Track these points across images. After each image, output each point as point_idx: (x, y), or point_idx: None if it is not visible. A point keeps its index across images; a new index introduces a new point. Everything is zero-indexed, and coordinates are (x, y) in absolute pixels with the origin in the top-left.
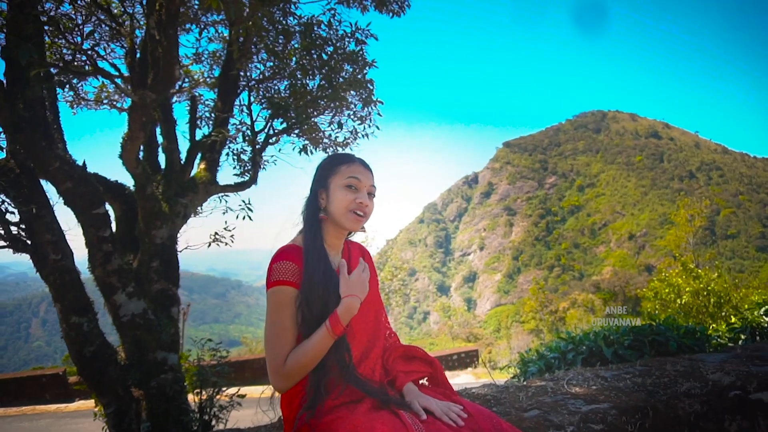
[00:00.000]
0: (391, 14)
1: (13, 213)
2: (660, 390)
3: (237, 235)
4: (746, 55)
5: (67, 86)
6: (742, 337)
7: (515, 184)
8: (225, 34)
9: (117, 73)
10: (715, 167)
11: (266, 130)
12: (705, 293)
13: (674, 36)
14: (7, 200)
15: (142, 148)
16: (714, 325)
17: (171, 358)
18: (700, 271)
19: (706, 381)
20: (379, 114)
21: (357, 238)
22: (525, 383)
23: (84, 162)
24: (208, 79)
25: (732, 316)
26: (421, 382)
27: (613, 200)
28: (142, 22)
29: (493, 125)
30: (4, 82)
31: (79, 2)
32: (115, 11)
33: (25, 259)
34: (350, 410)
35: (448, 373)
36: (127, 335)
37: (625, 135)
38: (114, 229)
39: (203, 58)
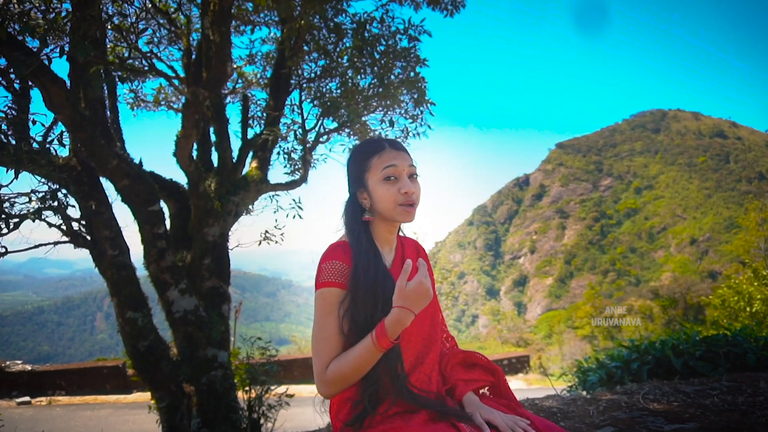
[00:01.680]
0: (445, 13)
1: (74, 207)
2: (756, 410)
3: (287, 234)
4: None
5: (128, 86)
6: None
7: (568, 186)
8: (278, 36)
9: (174, 75)
10: None
11: (317, 129)
12: None
13: (740, 31)
14: (69, 196)
15: (195, 146)
16: None
17: (221, 356)
18: None
19: None
20: (431, 113)
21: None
22: (593, 395)
23: (141, 160)
24: (261, 80)
25: None
26: (481, 392)
27: (673, 203)
28: (197, 26)
29: (548, 129)
30: (68, 82)
31: (137, 4)
32: (174, 15)
33: (89, 254)
34: (405, 421)
35: None
36: (179, 331)
37: (687, 135)
38: (168, 226)
39: (257, 60)
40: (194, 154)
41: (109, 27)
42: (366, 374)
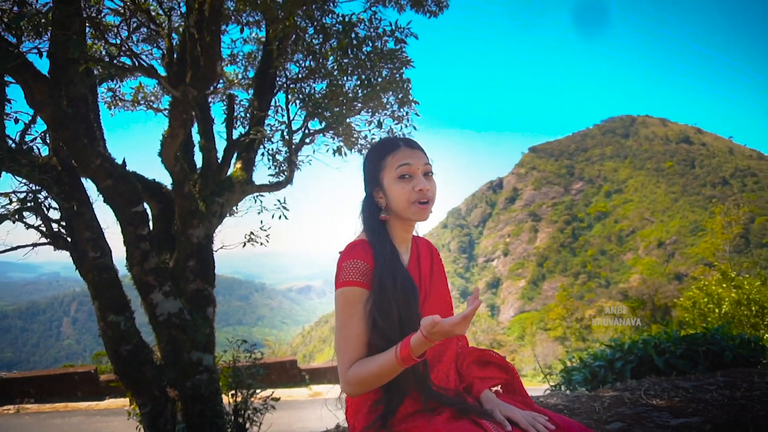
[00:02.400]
0: (428, 15)
1: (55, 209)
2: (755, 404)
3: (267, 235)
4: None
5: (107, 85)
6: None
7: (541, 189)
8: (260, 36)
9: (161, 74)
10: (750, 173)
11: (302, 130)
12: (746, 302)
13: (706, 39)
14: (49, 197)
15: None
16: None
17: (206, 359)
18: (741, 279)
19: None
20: (416, 114)
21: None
22: (595, 393)
23: (124, 160)
24: (242, 81)
25: None
26: (495, 389)
27: (641, 207)
28: (177, 24)
29: (520, 131)
30: (49, 78)
31: (117, 2)
32: (154, 13)
33: (57, 258)
34: (427, 419)
35: None
36: (163, 335)
37: (654, 140)
38: (151, 227)
39: (238, 59)
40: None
41: (88, 24)
42: None
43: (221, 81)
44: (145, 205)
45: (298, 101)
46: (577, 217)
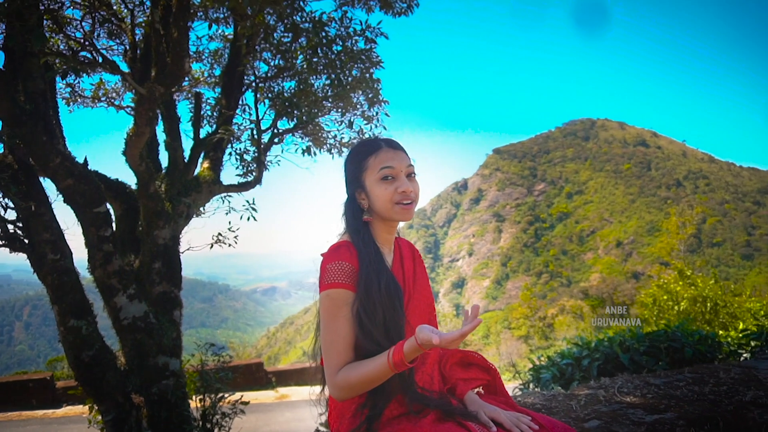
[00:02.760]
0: (396, 15)
1: (11, 209)
2: (723, 399)
3: (234, 236)
4: (733, 69)
5: (66, 81)
6: (753, 343)
7: (504, 190)
8: (227, 33)
9: (126, 70)
10: (701, 176)
11: (271, 130)
12: (701, 300)
13: (661, 47)
14: (6, 197)
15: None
16: (722, 332)
17: (173, 363)
18: (697, 277)
19: None
20: (386, 114)
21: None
22: (570, 391)
23: (86, 158)
24: (209, 79)
25: (741, 322)
26: (476, 391)
27: (601, 207)
28: (140, 20)
29: (484, 130)
30: (4, 72)
31: None
32: (116, 7)
33: (8, 261)
34: (412, 422)
35: None
36: (128, 339)
37: (613, 143)
38: (115, 228)
39: (204, 57)
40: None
41: (46, 17)
42: None
43: (187, 79)
44: (108, 206)
45: (266, 100)
46: (539, 218)
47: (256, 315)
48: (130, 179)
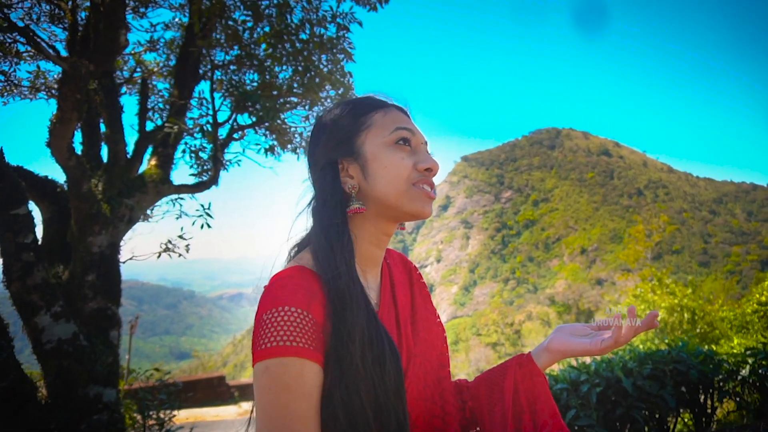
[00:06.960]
0: (368, 7)
1: None
2: None
3: (191, 243)
4: (692, 81)
5: None
6: (750, 360)
7: (472, 197)
8: (185, 22)
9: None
10: (661, 185)
11: (229, 123)
12: (679, 309)
13: (624, 58)
14: None
15: (80, 138)
16: (715, 348)
17: (107, 394)
18: (674, 286)
19: None
20: None
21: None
22: None
23: (1, 150)
24: (164, 69)
25: (735, 337)
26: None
27: (566, 215)
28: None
29: (450, 135)
30: None
31: None
32: None
33: None
34: None
35: None
36: (52, 366)
37: (578, 152)
38: (39, 234)
39: (158, 46)
40: (79, 148)
41: None
42: None
43: (139, 69)
44: (32, 207)
45: (225, 91)
46: (506, 225)
47: (221, 322)
48: (63, 176)
